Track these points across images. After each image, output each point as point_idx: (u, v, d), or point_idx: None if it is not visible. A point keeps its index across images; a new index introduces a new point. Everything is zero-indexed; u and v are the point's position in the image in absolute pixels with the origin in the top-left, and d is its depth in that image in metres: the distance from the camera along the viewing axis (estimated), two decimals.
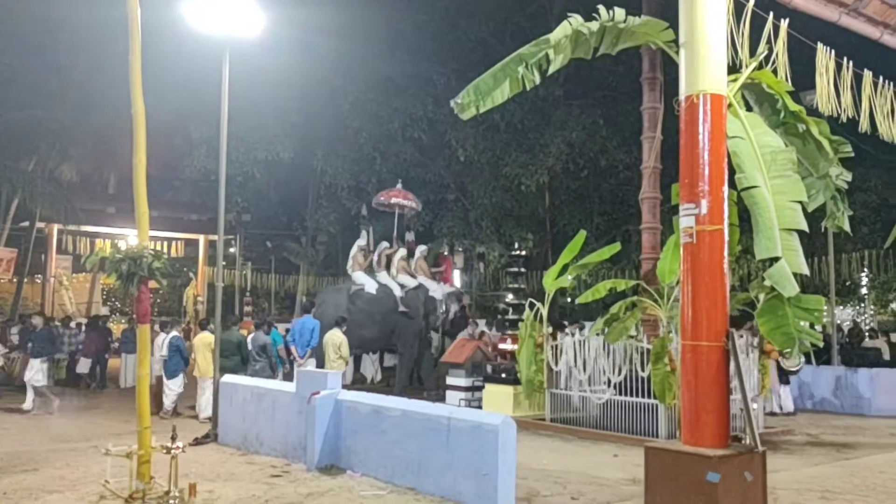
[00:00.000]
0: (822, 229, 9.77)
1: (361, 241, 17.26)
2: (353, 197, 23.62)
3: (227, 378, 10.56)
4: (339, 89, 20.46)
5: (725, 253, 6.61)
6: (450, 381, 13.45)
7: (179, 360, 12.87)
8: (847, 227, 8.33)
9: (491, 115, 18.54)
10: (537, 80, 7.15)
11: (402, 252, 17.01)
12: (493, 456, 6.53)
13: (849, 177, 8.11)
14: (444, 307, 15.85)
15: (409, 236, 17.89)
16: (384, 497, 7.06)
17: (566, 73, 18.62)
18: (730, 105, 6.87)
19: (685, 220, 6.68)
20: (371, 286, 16.12)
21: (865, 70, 9.03)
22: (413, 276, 16.49)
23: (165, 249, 27.69)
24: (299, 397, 8.67)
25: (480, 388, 13.03)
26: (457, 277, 28.11)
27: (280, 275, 32.26)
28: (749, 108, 7.70)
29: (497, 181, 20.81)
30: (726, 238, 6.62)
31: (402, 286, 16.06)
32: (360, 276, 16.47)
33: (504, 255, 21.33)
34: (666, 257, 10.75)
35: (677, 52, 6.84)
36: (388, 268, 16.57)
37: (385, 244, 17.11)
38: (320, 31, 18.30)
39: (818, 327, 7.86)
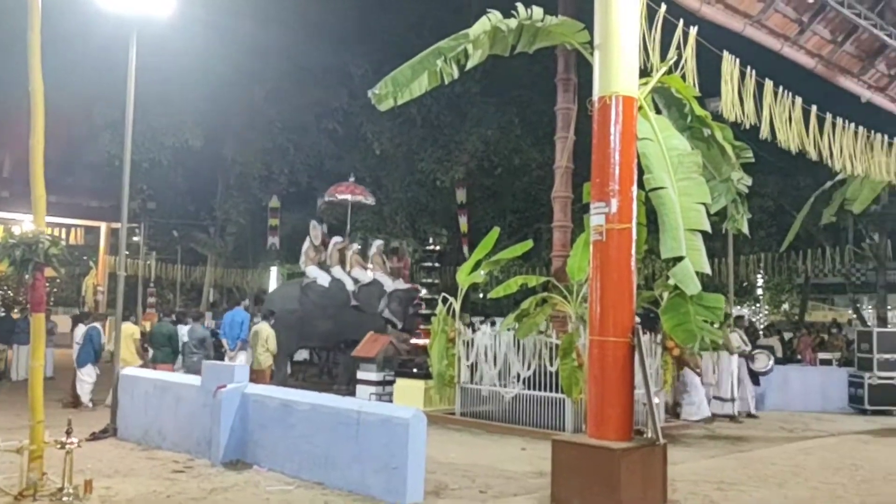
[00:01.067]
0: (723, 231, 10.19)
1: (314, 235, 16.89)
2: (264, 187, 23.16)
3: (128, 370, 10.20)
4: (254, 77, 20.03)
5: (633, 251, 6.81)
6: (360, 375, 13.36)
7: (91, 349, 12.58)
8: (746, 230, 8.72)
9: (407, 109, 18.55)
10: (455, 74, 7.18)
11: (356, 247, 16.85)
12: (403, 449, 6.51)
13: (749, 181, 8.50)
14: (389, 302, 15.46)
15: (323, 228, 17.62)
16: (291, 492, 6.94)
17: (483, 70, 18.70)
18: (640, 107, 7.07)
19: (596, 219, 6.84)
20: (324, 280, 15.88)
21: (767, 80, 9.45)
22: (368, 271, 16.29)
23: (64, 236, 26.43)
24: (205, 391, 8.42)
25: (391, 383, 13.00)
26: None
27: (186, 266, 31.34)
28: (658, 112, 7.95)
29: (412, 176, 20.83)
30: (634, 237, 6.81)
31: (355, 281, 15.83)
32: (312, 270, 16.24)
33: (418, 250, 21.35)
34: (576, 255, 10.96)
35: (592, 54, 6.99)
36: (342, 263, 16.34)
37: (338, 239, 16.88)
38: (236, 15, 17.85)
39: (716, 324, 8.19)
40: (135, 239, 29.19)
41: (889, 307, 22.58)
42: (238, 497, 6.80)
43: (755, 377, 13.57)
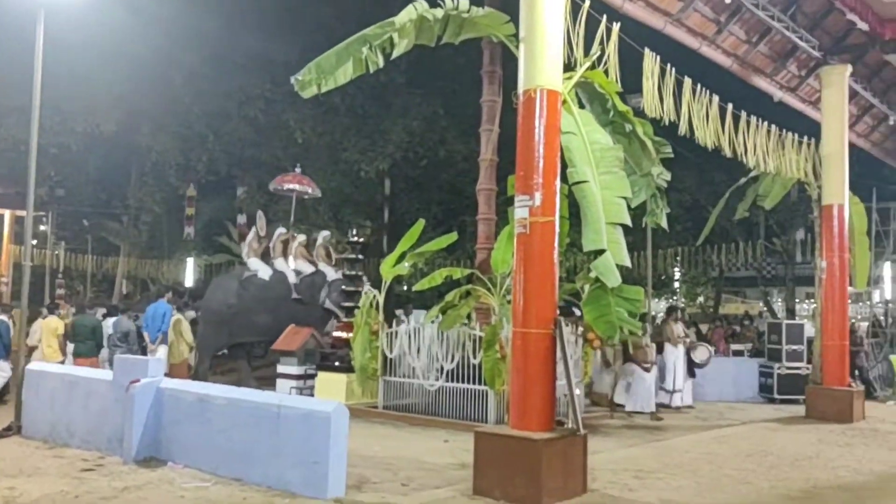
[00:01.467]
0: (643, 225, 10.41)
1: (259, 226, 16.39)
2: (181, 175, 22.46)
3: (34, 365, 9.72)
4: (172, 61, 19.29)
5: (556, 244, 6.86)
6: (281, 369, 13.11)
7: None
8: (665, 224, 8.91)
9: (331, 97, 18.26)
10: (381, 62, 7.07)
11: (301, 238, 16.46)
12: (324, 444, 6.39)
13: (668, 176, 8.69)
14: (330, 292, 15.08)
15: (241, 219, 17.21)
16: (208, 489, 6.73)
17: (408, 60, 18.62)
18: (564, 101, 7.12)
19: (520, 211, 6.86)
20: (265, 272, 15.43)
21: (686, 77, 9.68)
22: (313, 263, 15.92)
23: None
24: (117, 385, 8.08)
25: (313, 377, 12.80)
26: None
27: (98, 256, 30.15)
28: (582, 106, 8.04)
29: (336, 166, 20.51)
30: (557, 229, 6.86)
31: (298, 273, 15.46)
32: (254, 262, 15.79)
33: (341, 241, 21.08)
34: (500, 247, 11.01)
35: (517, 47, 6.99)
36: (285, 254, 15.90)
37: (282, 230, 16.46)
38: None
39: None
40: (42, 228, 27.90)
41: (797, 300, 23.65)
42: (151, 495, 6.55)
43: (692, 369, 13.90)
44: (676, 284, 29.02)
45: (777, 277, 25.74)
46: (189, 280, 28.95)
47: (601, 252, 7.04)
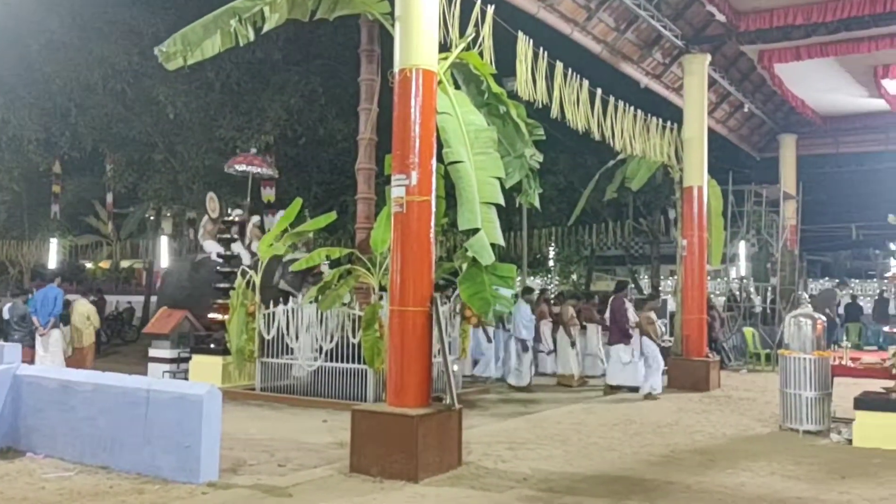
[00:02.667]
0: (517, 205, 10.70)
1: (211, 208, 15.47)
2: (42, 151, 21.06)
3: None
4: (29, 27, 17.96)
5: (432, 223, 6.96)
6: (153, 352, 12.67)
7: None
8: (537, 204, 9.19)
9: (204, 72, 17.62)
10: (251, 36, 6.90)
11: (256, 219, 15.81)
12: (196, 427, 6.25)
13: (541, 158, 8.96)
14: (283, 273, 14.50)
15: (110, 197, 16.38)
16: (71, 478, 6.45)
17: (286, 37, 18.23)
18: (440, 82, 7.19)
19: (396, 191, 6.91)
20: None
21: (558, 62, 9.98)
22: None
23: None
24: None
25: (187, 360, 12.44)
26: (164, 244, 26.57)
27: None
28: (457, 87, 8.15)
29: (210, 143, 19.80)
30: (433, 209, 6.96)
31: (253, 255, 14.80)
32: (209, 245, 15.13)
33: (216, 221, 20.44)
34: (379, 227, 11.00)
35: (392, 25, 6.99)
36: (241, 235, 15.22)
37: (238, 211, 15.75)
38: None
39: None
40: None
41: (662, 276, 24.96)
42: (9, 487, 6.20)
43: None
44: (551, 263, 29.99)
45: (644, 256, 27.07)
46: (52, 262, 27.36)
47: (476, 231, 7.20)
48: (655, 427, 9.48)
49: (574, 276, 31.76)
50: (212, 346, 12.41)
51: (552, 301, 15.47)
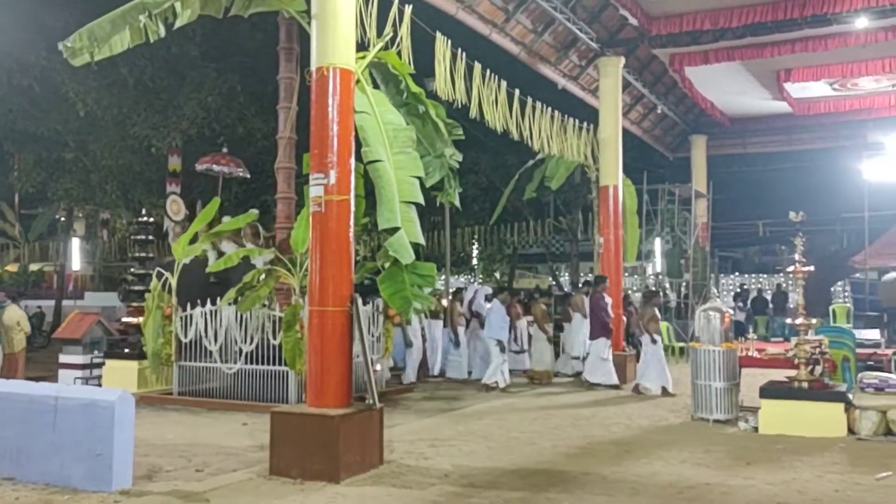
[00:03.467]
0: (437, 204, 10.78)
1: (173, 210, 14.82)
2: None
3: None
4: None
5: (352, 222, 6.95)
6: (63, 358, 12.21)
7: None
8: (458, 203, 9.29)
9: (117, 68, 17.05)
10: (162, 32, 6.74)
11: (226, 219, 15.16)
12: (108, 434, 6.07)
13: (460, 157, 9.04)
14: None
15: (16, 198, 15.70)
16: None
17: (203, 33, 17.83)
18: (358, 81, 7.19)
19: (315, 190, 6.87)
20: (210, 256, 14.12)
21: (476, 63, 10.11)
22: (240, 245, 14.73)
23: None
24: None
25: (100, 365, 12.04)
26: (76, 246, 25.61)
27: None
28: (376, 87, 8.16)
29: (124, 142, 19.17)
30: (353, 208, 6.95)
31: (221, 255, 14.23)
32: (225, 246, 14.34)
33: (132, 222, 19.84)
34: (300, 226, 10.89)
35: (309, 24, 6.95)
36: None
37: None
38: None
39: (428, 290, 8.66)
40: None
41: (581, 273, 25.41)
42: None
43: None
44: (475, 261, 30.22)
45: (564, 253, 27.58)
46: None
47: (396, 230, 7.23)
48: (574, 420, 9.70)
49: (497, 275, 32.11)
50: (126, 350, 12.05)
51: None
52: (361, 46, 7.61)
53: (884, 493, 6.22)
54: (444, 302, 14.99)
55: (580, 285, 16.44)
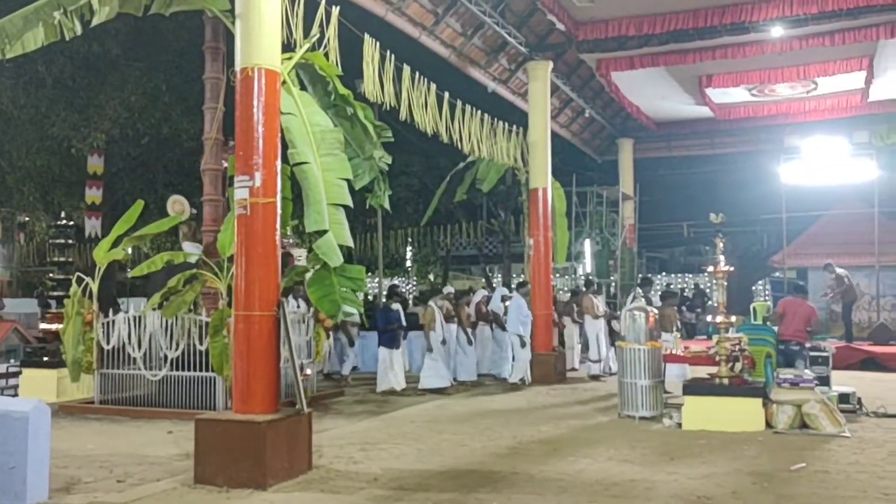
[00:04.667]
0: (367, 206, 10.73)
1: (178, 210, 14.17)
2: None
3: None
4: None
5: (278, 225, 6.86)
6: None
7: None
8: (387, 206, 9.26)
9: (34, 66, 16.43)
10: (78, 29, 6.52)
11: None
12: (21, 446, 5.82)
13: (389, 160, 9.01)
14: None
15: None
16: None
17: (126, 31, 17.32)
18: (284, 82, 7.10)
19: (240, 192, 6.76)
20: (194, 257, 13.52)
21: (405, 65, 10.11)
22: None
23: None
24: None
25: (17, 374, 11.57)
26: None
27: None
28: (303, 88, 8.07)
29: (42, 142, 18.47)
30: (279, 211, 6.86)
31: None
32: (186, 247, 13.78)
33: (51, 225, 19.11)
34: (226, 230, 10.70)
35: (233, 23, 6.83)
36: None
37: None
38: None
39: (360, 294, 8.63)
40: None
41: (513, 275, 25.68)
42: None
43: (613, 338, 14.47)
44: (408, 264, 30.25)
45: (496, 255, 27.85)
46: None
47: (323, 232, 7.17)
48: (504, 420, 9.79)
49: (431, 277, 32.19)
50: (45, 358, 11.61)
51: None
52: (288, 47, 7.52)
53: (798, 484, 6.47)
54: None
55: (584, 286, 16.57)
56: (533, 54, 14.11)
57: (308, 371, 11.22)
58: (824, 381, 10.15)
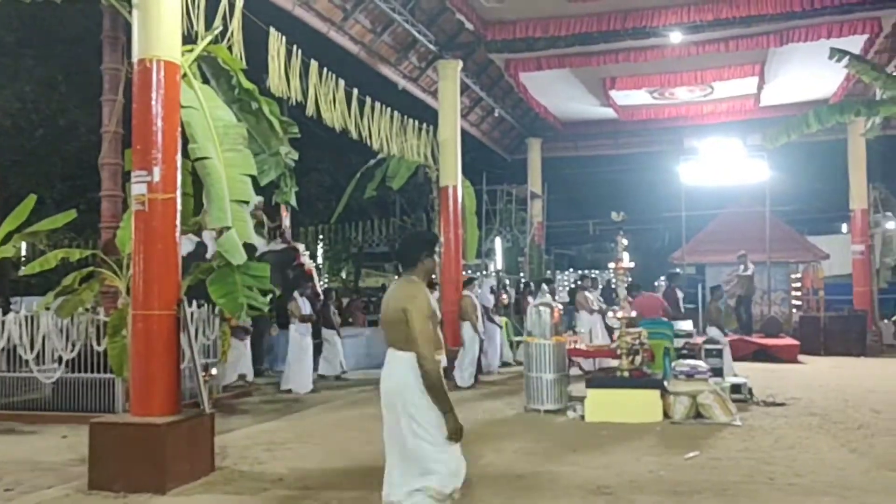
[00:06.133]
0: (272, 202, 10.57)
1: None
2: None
3: None
4: None
5: (178, 222, 6.68)
6: None
7: None
8: (294, 202, 9.15)
9: None
10: None
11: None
12: None
13: (296, 155, 8.91)
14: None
15: None
16: None
17: (20, 19, 16.54)
18: (185, 75, 6.92)
19: (137, 188, 6.56)
20: (187, 246, 12.56)
21: (313, 60, 9.99)
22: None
23: None
24: None
25: None
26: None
27: None
28: (207, 81, 7.88)
29: None
30: (179, 207, 6.69)
31: (202, 247, 12.77)
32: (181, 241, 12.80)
33: None
34: (126, 226, 10.29)
35: (130, 13, 6.61)
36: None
37: None
38: None
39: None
40: None
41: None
42: None
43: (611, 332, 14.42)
44: (320, 260, 29.91)
45: None
46: None
47: (227, 229, 7.03)
48: None
49: (343, 274, 31.94)
50: None
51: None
52: (190, 40, 7.33)
53: (691, 471, 6.77)
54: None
55: (580, 283, 16.64)
56: (443, 53, 14.18)
57: (214, 371, 10.97)
58: (718, 372, 10.63)
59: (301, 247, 14.34)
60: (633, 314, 9.99)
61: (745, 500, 5.85)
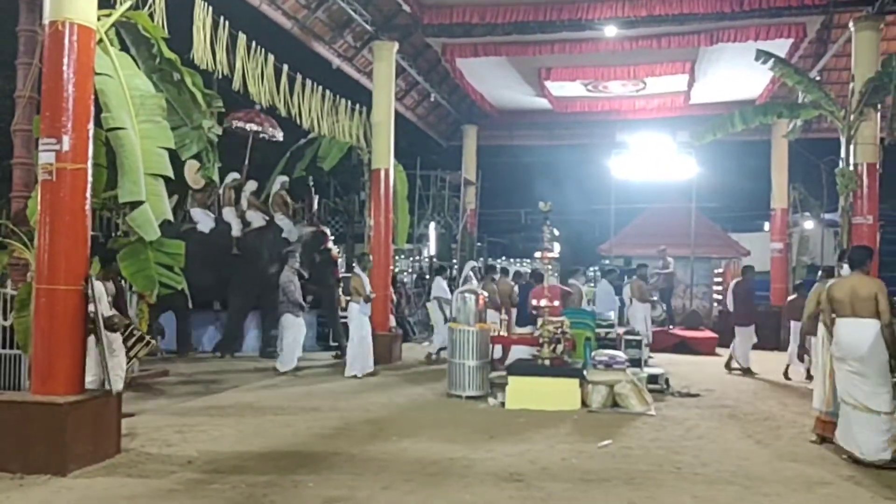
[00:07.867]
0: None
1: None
2: None
3: None
4: None
5: (88, 194, 6.41)
6: None
7: None
8: (216, 178, 8.87)
9: None
10: None
11: (252, 185, 14.11)
12: None
13: (219, 130, 8.63)
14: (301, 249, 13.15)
15: None
16: None
17: None
18: (100, 40, 6.62)
19: (45, 156, 6.27)
20: (205, 225, 13.27)
21: (241, 33, 9.71)
22: (266, 214, 13.81)
23: None
24: None
25: None
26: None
27: None
28: (126, 49, 7.56)
29: None
30: (90, 178, 6.41)
31: (247, 224, 13.37)
32: (196, 213, 13.52)
33: None
34: (37, 196, 9.89)
35: None
36: (236, 203, 13.85)
37: (234, 175, 14.02)
38: None
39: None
40: None
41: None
42: None
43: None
44: None
45: (341, 235, 27.58)
46: None
47: (139, 203, 6.77)
48: (333, 402, 9.72)
49: None
50: None
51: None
52: (108, 4, 7.01)
53: (602, 459, 6.88)
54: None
55: (572, 273, 16.55)
56: (379, 34, 14.00)
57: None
58: (636, 363, 10.86)
59: (328, 230, 14.36)
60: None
61: (652, 489, 5.96)
